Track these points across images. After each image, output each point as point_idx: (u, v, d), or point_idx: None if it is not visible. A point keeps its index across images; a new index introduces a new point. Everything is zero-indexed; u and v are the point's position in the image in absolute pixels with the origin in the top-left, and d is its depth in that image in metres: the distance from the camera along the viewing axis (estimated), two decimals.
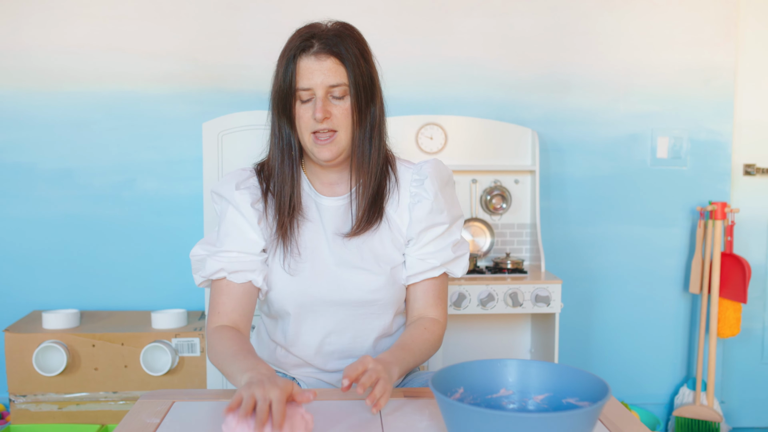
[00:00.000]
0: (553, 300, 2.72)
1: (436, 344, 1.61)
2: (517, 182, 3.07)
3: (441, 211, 1.59)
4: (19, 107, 3.01)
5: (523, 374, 1.30)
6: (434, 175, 1.60)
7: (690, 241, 3.23)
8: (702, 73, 3.18)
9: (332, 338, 1.61)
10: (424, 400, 1.41)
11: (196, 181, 3.05)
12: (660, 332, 3.27)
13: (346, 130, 1.51)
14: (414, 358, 1.51)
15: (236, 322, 1.54)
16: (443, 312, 1.66)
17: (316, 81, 1.47)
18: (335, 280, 1.57)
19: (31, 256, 3.07)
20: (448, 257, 1.61)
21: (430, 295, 1.64)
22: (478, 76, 3.12)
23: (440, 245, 1.61)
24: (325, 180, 1.62)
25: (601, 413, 1.33)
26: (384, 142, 1.60)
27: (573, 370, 1.25)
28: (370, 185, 1.57)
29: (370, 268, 1.57)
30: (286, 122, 1.54)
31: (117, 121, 3.04)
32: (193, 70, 3.03)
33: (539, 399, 1.28)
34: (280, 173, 1.57)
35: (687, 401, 3.14)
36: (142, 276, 3.10)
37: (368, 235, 1.59)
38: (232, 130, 2.66)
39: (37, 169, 3.04)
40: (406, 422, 1.29)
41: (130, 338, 2.70)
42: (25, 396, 2.68)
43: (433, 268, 1.61)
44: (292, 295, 1.57)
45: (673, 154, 3.20)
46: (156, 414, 1.34)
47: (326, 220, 1.60)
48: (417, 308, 1.64)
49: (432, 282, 1.64)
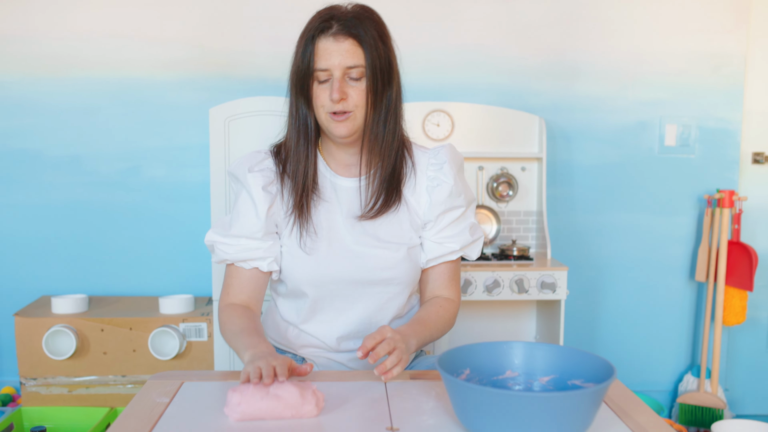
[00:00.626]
0: (558, 287, 2.73)
1: (450, 322, 1.66)
2: (524, 169, 3.07)
3: (459, 195, 1.63)
4: (26, 93, 3.03)
5: (529, 356, 1.31)
6: (452, 160, 1.64)
7: (697, 230, 3.23)
8: (712, 61, 3.17)
9: (347, 317, 1.64)
10: (431, 382, 1.42)
11: (203, 167, 3.06)
12: (665, 320, 3.28)
13: (362, 111, 1.53)
14: (430, 333, 1.57)
15: (246, 302, 1.61)
16: (457, 292, 1.70)
17: (334, 62, 1.49)
18: (352, 259, 1.59)
19: (40, 243, 3.09)
20: (466, 241, 1.65)
21: (446, 277, 1.68)
22: (485, 62, 3.12)
23: (458, 228, 1.65)
24: (341, 161, 1.63)
25: (606, 396, 1.34)
26: (400, 126, 1.62)
27: (578, 352, 1.26)
28: (384, 168, 1.59)
29: (387, 247, 1.60)
30: (303, 102, 1.56)
31: (124, 108, 3.05)
32: (200, 56, 3.04)
33: (545, 381, 1.29)
34: (296, 153, 1.59)
35: (691, 388, 3.15)
36: (150, 262, 3.12)
37: (386, 217, 1.61)
38: (239, 115, 2.66)
39: (44, 155, 3.06)
40: (413, 403, 1.30)
41: (138, 323, 2.71)
42: (35, 379, 2.70)
43: (451, 252, 1.65)
44: (309, 274, 1.59)
45: (682, 142, 3.20)
46: (166, 393, 1.36)
47: (342, 200, 1.62)
48: (431, 289, 1.69)
49: (447, 265, 1.68)
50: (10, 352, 3.09)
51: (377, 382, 1.42)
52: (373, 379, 1.44)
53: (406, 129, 1.65)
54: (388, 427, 1.18)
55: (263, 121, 2.63)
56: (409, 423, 1.21)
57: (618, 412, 1.26)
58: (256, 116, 2.65)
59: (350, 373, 1.52)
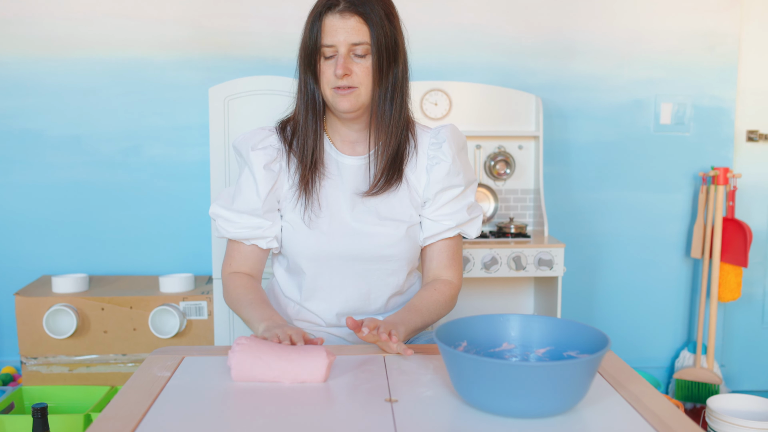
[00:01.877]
0: (555, 264, 2.76)
1: (448, 305, 1.68)
2: (521, 148, 3.09)
3: (457, 174, 1.65)
4: (27, 74, 3.03)
5: (525, 328, 1.33)
6: (452, 139, 1.66)
7: (692, 207, 3.26)
8: (706, 40, 3.18)
9: (346, 294, 1.66)
10: (429, 356, 1.45)
11: (203, 147, 3.07)
12: (661, 297, 3.31)
13: (366, 88, 1.55)
14: (422, 319, 1.59)
15: (248, 270, 1.68)
16: (457, 273, 1.71)
17: (339, 38, 1.52)
18: (352, 235, 1.62)
19: (40, 222, 3.10)
20: (463, 219, 1.67)
21: (444, 256, 1.70)
22: (482, 42, 3.13)
23: (455, 207, 1.67)
24: (346, 138, 1.66)
25: (601, 368, 1.36)
26: (406, 104, 1.64)
27: (573, 324, 1.28)
28: (389, 145, 1.61)
29: (387, 224, 1.63)
30: (311, 77, 1.59)
31: (124, 88, 3.06)
32: (199, 36, 3.04)
33: (541, 352, 1.31)
34: (304, 128, 1.62)
35: (687, 364, 3.18)
36: (150, 241, 3.14)
37: (387, 195, 1.64)
38: (239, 95, 2.67)
39: (45, 135, 3.07)
40: (411, 375, 1.33)
41: (138, 302, 2.74)
42: (36, 358, 2.72)
43: (448, 229, 1.67)
44: (310, 249, 1.62)
45: (677, 120, 3.22)
46: (167, 368, 1.38)
47: (345, 178, 1.65)
48: (431, 269, 1.71)
49: (446, 243, 1.70)
50: (11, 331, 3.11)
51: (376, 355, 1.45)
52: (372, 353, 1.47)
53: (411, 108, 1.68)
54: (386, 398, 1.21)
55: (262, 100, 2.64)
56: (408, 394, 1.23)
57: (613, 383, 1.28)
58: (256, 95, 2.66)
59: (349, 346, 1.54)
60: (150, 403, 1.19)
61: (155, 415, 1.14)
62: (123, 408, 1.17)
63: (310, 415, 1.14)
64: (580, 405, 1.17)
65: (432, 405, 1.19)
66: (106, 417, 1.13)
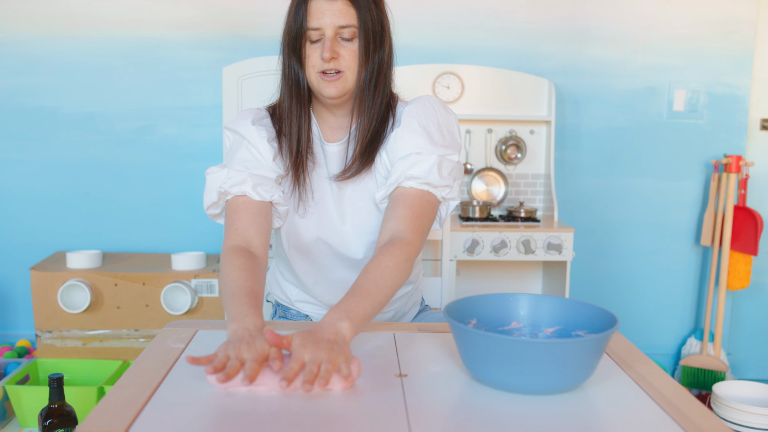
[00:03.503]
0: (565, 248, 2.77)
1: (404, 271, 1.42)
2: (533, 133, 3.09)
3: (415, 139, 1.53)
4: (42, 52, 3.06)
5: (534, 308, 1.34)
6: (414, 106, 1.57)
7: (703, 195, 3.26)
8: (722, 26, 3.17)
9: (342, 277, 1.66)
10: (438, 334, 1.46)
11: (216, 126, 3.09)
12: (670, 284, 3.32)
13: (353, 71, 1.52)
14: (371, 301, 1.32)
15: (250, 240, 1.50)
16: (414, 229, 1.48)
17: (326, 21, 1.49)
18: (337, 227, 1.61)
19: (55, 199, 3.14)
20: (431, 175, 1.51)
21: (400, 205, 1.50)
22: (495, 25, 3.13)
23: (415, 160, 1.52)
24: (331, 124, 1.63)
25: (609, 349, 1.38)
26: (389, 88, 1.61)
27: (582, 304, 1.30)
28: (369, 128, 1.57)
29: (368, 210, 1.61)
30: (296, 62, 1.55)
31: (138, 67, 3.08)
32: (213, 16, 3.05)
33: (549, 332, 1.33)
34: (289, 114, 1.58)
35: (694, 351, 3.19)
36: (162, 219, 3.17)
37: (364, 179, 1.60)
38: (252, 74, 2.69)
39: (59, 113, 3.09)
40: (420, 352, 1.35)
41: (151, 278, 2.76)
42: (50, 332, 2.76)
43: (406, 178, 1.51)
44: (301, 235, 1.62)
45: (690, 108, 3.21)
46: (181, 340, 1.40)
47: (330, 165, 1.63)
48: (385, 223, 1.51)
49: (402, 192, 1.51)
50: (26, 306, 3.16)
51: (386, 333, 1.46)
52: (381, 330, 1.48)
53: (395, 89, 1.63)
54: (396, 374, 1.23)
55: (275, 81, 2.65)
56: (417, 370, 1.25)
57: (620, 364, 1.30)
58: (269, 75, 2.67)
59: None
60: (165, 374, 1.21)
61: (169, 385, 1.16)
62: (138, 377, 1.19)
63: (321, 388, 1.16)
64: (587, 383, 1.19)
65: (441, 380, 1.21)
66: (122, 385, 1.15)
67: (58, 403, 1.93)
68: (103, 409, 1.06)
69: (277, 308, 1.84)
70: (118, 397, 1.11)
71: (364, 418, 1.06)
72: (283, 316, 1.81)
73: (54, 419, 1.93)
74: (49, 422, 1.92)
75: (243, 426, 1.02)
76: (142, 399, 1.10)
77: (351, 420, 1.05)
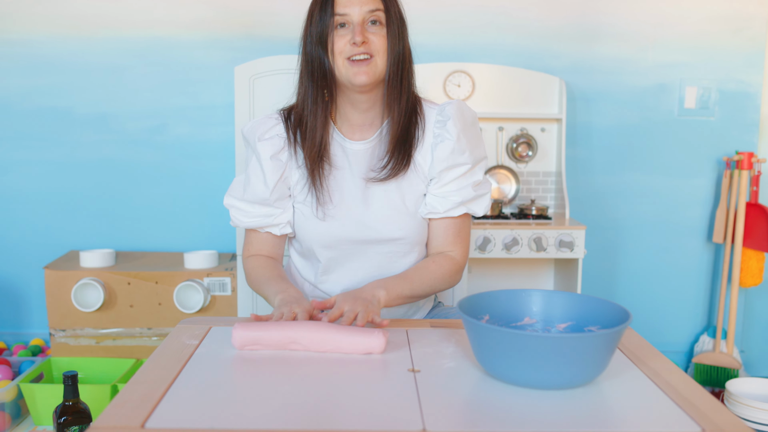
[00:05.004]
0: (576, 246, 2.77)
1: (446, 279, 1.65)
2: (544, 130, 3.09)
3: (462, 152, 1.60)
4: (56, 52, 3.08)
5: (547, 304, 1.35)
6: (457, 116, 1.61)
7: (715, 192, 3.25)
8: (733, 23, 3.16)
9: (360, 275, 1.67)
10: (451, 330, 1.47)
11: (228, 126, 3.11)
12: (682, 281, 3.31)
13: (382, 56, 1.55)
14: (411, 287, 1.59)
15: (268, 252, 1.72)
16: (461, 251, 1.69)
17: (354, 7, 1.52)
18: (364, 223, 1.62)
19: (69, 198, 3.16)
20: (469, 195, 1.63)
21: (450, 233, 1.67)
22: (506, 24, 3.13)
23: (461, 184, 1.63)
24: (355, 121, 1.64)
25: (622, 344, 1.38)
26: (413, 81, 1.63)
27: (595, 300, 1.30)
28: (398, 126, 1.59)
29: (398, 207, 1.62)
30: (322, 51, 1.56)
31: (150, 67, 3.10)
32: (225, 16, 3.06)
33: (562, 327, 1.33)
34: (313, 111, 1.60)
35: (707, 349, 3.19)
36: (175, 218, 3.18)
37: (396, 180, 1.62)
38: (264, 74, 2.70)
39: (73, 113, 3.11)
40: (433, 348, 1.35)
41: (164, 277, 2.78)
42: (64, 330, 2.78)
43: (453, 207, 1.63)
44: (321, 237, 1.63)
45: (701, 105, 3.20)
46: (195, 336, 1.41)
47: (354, 164, 1.64)
48: (435, 245, 1.69)
49: (451, 221, 1.67)
50: (40, 305, 3.18)
51: (398, 329, 1.47)
52: (394, 327, 1.49)
53: (416, 87, 1.66)
54: (409, 368, 1.23)
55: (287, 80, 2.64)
56: (430, 365, 1.25)
57: (633, 359, 1.30)
58: (281, 74, 2.68)
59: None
60: (179, 370, 1.22)
61: (184, 381, 1.17)
62: (153, 373, 1.20)
63: (334, 382, 1.17)
64: (600, 378, 1.19)
65: (454, 375, 1.21)
66: (137, 381, 1.16)
67: (73, 401, 1.95)
68: (119, 404, 1.07)
69: None
70: (134, 392, 1.12)
71: (377, 412, 1.06)
72: None
73: (68, 416, 1.95)
74: (63, 419, 1.94)
75: (258, 419, 1.02)
76: (157, 394, 1.11)
77: (364, 415, 1.05)
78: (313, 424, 1.01)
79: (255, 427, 1.00)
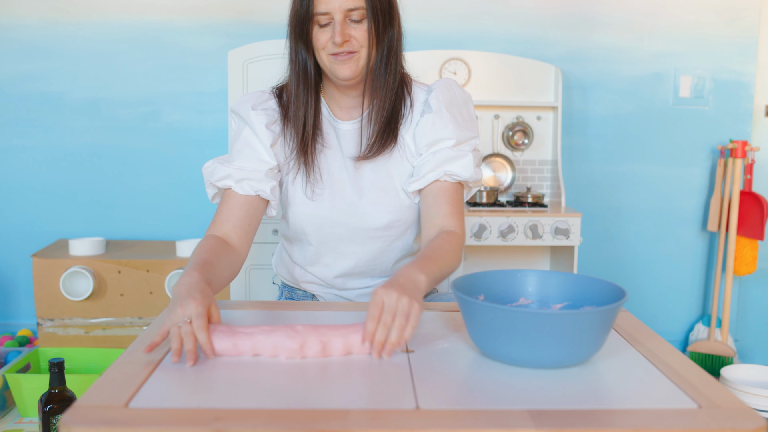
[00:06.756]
0: (572, 233, 2.75)
1: (458, 256, 1.52)
2: (540, 119, 3.07)
3: (445, 126, 1.56)
4: (47, 38, 3.04)
5: (543, 284, 1.33)
6: (440, 92, 1.58)
7: (710, 181, 3.24)
8: (727, 13, 3.15)
9: (351, 259, 1.65)
10: (446, 313, 1.45)
11: (221, 113, 3.08)
12: (677, 270, 3.30)
13: (365, 51, 1.51)
14: (440, 269, 1.40)
15: (228, 233, 1.53)
16: (460, 223, 1.57)
17: (334, 5, 1.46)
18: (353, 204, 1.59)
19: (58, 186, 3.12)
20: (447, 155, 1.56)
21: (443, 201, 1.55)
22: (503, 12, 3.10)
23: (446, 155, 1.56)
24: (343, 104, 1.62)
25: (618, 325, 1.36)
26: (401, 66, 1.60)
27: (590, 279, 1.28)
28: (384, 108, 1.57)
29: (387, 189, 1.60)
30: (303, 47, 1.53)
31: (143, 53, 3.07)
32: (218, 1, 3.03)
33: (557, 307, 1.31)
34: (296, 99, 1.57)
35: (701, 337, 3.18)
36: (167, 206, 3.15)
37: (383, 159, 1.60)
38: (258, 58, 2.67)
39: (64, 99, 3.08)
40: (427, 329, 1.33)
41: (155, 265, 2.75)
42: (52, 320, 2.75)
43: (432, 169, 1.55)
44: (312, 218, 1.60)
45: (696, 94, 3.19)
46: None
47: (344, 144, 1.61)
48: (434, 218, 1.56)
49: (442, 186, 1.56)
50: (28, 295, 3.14)
51: None
52: None
53: (406, 68, 1.63)
54: (403, 349, 1.21)
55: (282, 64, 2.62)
56: (424, 346, 1.23)
57: (629, 340, 1.28)
58: (275, 59, 2.65)
59: (361, 303, 1.54)
60: (167, 351, 1.20)
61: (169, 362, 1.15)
62: (139, 354, 1.18)
63: (327, 364, 1.15)
64: (596, 357, 1.17)
65: (448, 355, 1.19)
66: (122, 362, 1.14)
67: (59, 388, 1.91)
68: (103, 384, 1.05)
69: (283, 289, 1.83)
70: (119, 372, 1.09)
71: (370, 392, 1.04)
72: (289, 297, 1.80)
73: (54, 404, 1.90)
74: (49, 407, 1.90)
75: (245, 400, 1.00)
76: (142, 375, 1.08)
77: (357, 395, 1.03)
78: (304, 404, 0.99)
79: (243, 406, 0.98)
